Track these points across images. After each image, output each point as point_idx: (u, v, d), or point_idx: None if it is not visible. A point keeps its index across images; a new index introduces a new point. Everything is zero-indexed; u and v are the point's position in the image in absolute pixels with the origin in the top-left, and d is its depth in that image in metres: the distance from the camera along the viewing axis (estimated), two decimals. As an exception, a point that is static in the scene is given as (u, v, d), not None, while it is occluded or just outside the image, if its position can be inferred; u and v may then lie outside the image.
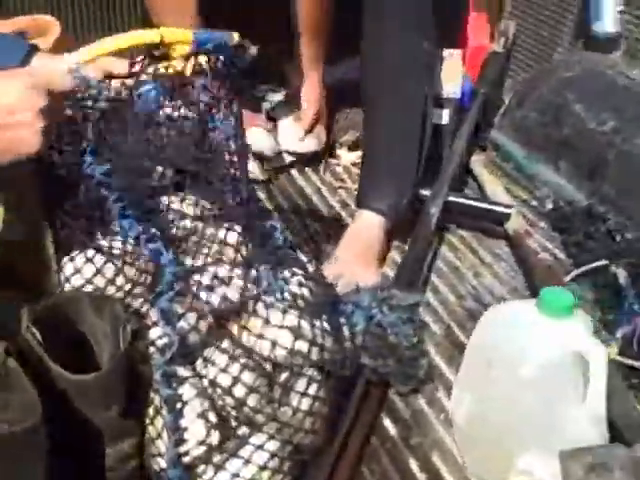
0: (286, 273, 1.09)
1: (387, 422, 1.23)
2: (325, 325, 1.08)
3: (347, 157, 1.87)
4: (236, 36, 1.05)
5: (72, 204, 0.99)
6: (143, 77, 1.00)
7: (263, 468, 0.98)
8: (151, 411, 0.95)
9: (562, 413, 1.09)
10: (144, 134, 1.02)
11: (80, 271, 0.99)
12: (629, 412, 1.15)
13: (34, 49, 1.02)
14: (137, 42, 0.99)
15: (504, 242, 1.63)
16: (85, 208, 0.99)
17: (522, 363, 1.09)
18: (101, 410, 0.90)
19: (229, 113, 1.05)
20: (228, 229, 1.06)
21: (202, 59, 1.02)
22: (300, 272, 1.10)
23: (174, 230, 1.04)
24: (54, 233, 1.00)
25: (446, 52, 1.85)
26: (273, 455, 0.99)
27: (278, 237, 1.13)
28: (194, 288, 1.01)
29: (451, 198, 1.59)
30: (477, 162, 1.84)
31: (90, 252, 1.00)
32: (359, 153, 1.75)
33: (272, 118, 1.84)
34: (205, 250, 1.06)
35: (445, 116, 1.75)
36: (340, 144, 1.87)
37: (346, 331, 1.16)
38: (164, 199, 1.05)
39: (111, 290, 0.99)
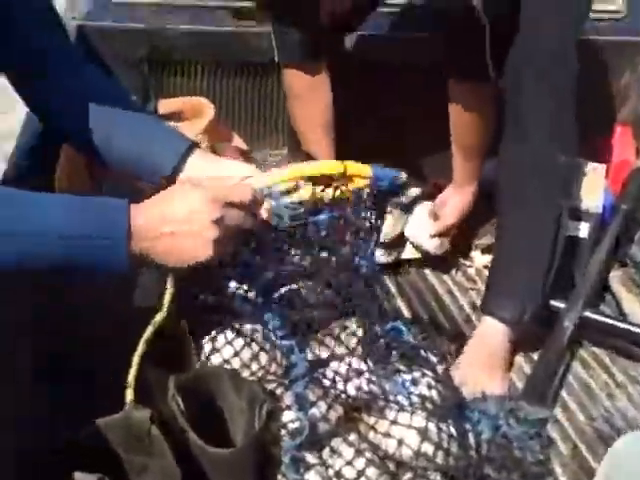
0: (415, 374, 1.08)
1: (507, 540, 1.18)
2: (452, 430, 1.06)
3: (480, 260, 1.85)
4: (404, 176, 1.12)
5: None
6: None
7: None
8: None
9: None
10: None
11: (219, 351, 1.03)
12: None
13: (193, 146, 1.10)
14: (324, 171, 1.05)
15: (640, 364, 1.57)
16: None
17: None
18: None
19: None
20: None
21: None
22: (430, 374, 1.10)
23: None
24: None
25: (589, 166, 1.83)
26: None
27: (408, 336, 1.14)
28: (327, 377, 1.03)
29: (586, 313, 1.54)
30: (615, 278, 1.78)
31: (230, 334, 1.04)
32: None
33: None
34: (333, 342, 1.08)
35: (584, 230, 1.72)
36: (475, 246, 1.86)
37: (471, 439, 1.13)
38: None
39: (245, 373, 1.02)
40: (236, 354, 1.03)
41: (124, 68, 1.93)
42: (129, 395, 0.91)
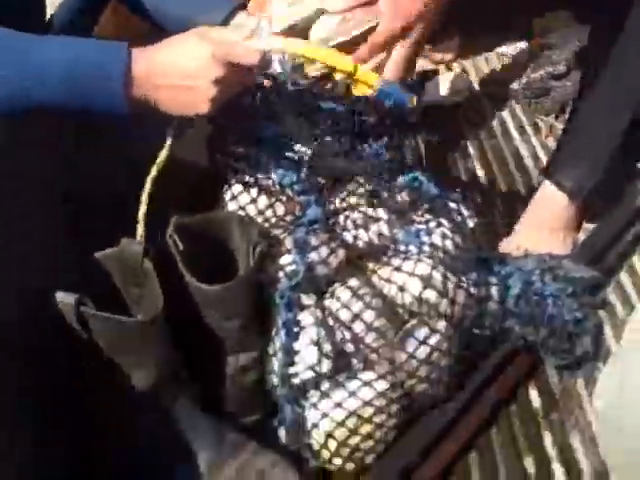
0: (432, 224, 1.08)
1: (533, 392, 1.18)
2: (463, 279, 1.06)
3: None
4: (415, 100, 1.10)
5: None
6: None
7: (368, 404, 0.99)
8: (271, 331, 1.01)
9: None
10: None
11: (236, 198, 1.08)
12: None
13: (239, 7, 1.11)
14: (333, 63, 1.05)
15: None
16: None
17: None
18: (223, 320, 0.97)
19: None
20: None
21: None
22: (447, 224, 1.08)
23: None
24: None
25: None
26: (380, 394, 1.00)
27: (431, 187, 1.12)
28: (338, 225, 1.06)
29: (673, 177, 1.42)
30: None
31: (248, 181, 1.08)
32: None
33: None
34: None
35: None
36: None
37: (495, 292, 1.12)
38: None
39: (259, 220, 1.06)
40: (253, 201, 1.07)
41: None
42: (140, 230, 0.97)
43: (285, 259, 1.01)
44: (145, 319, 0.92)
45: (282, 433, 1.02)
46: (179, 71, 0.92)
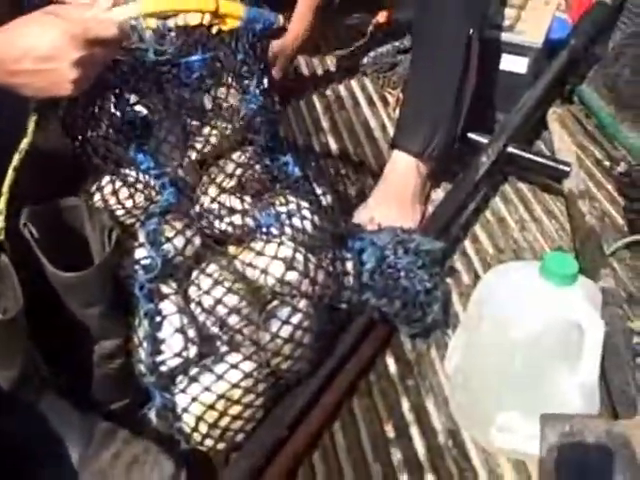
0: (292, 206, 1.09)
1: (390, 360, 1.23)
2: (323, 259, 1.09)
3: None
4: (281, 19, 1.08)
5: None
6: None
7: (235, 386, 1.01)
8: (135, 320, 0.99)
9: (551, 379, 1.06)
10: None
11: (101, 191, 1.04)
12: (624, 387, 1.10)
13: None
14: (193, 6, 0.99)
15: (562, 200, 1.56)
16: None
17: (515, 324, 1.06)
18: (83, 308, 0.95)
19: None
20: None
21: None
22: (307, 205, 1.10)
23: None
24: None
25: (541, -2, 1.74)
26: (247, 375, 1.01)
27: (296, 170, 1.14)
28: (196, 211, 1.05)
29: (510, 149, 1.52)
30: (555, 115, 1.74)
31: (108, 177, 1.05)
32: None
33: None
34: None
35: (523, 65, 1.65)
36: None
37: (350, 267, 1.16)
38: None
39: (120, 212, 1.03)
40: (114, 193, 1.04)
41: None
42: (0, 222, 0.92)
43: (140, 252, 0.99)
44: (6, 318, 0.88)
45: (153, 418, 1.01)
46: (34, 55, 0.86)
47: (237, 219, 1.06)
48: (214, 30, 1.03)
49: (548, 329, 1.04)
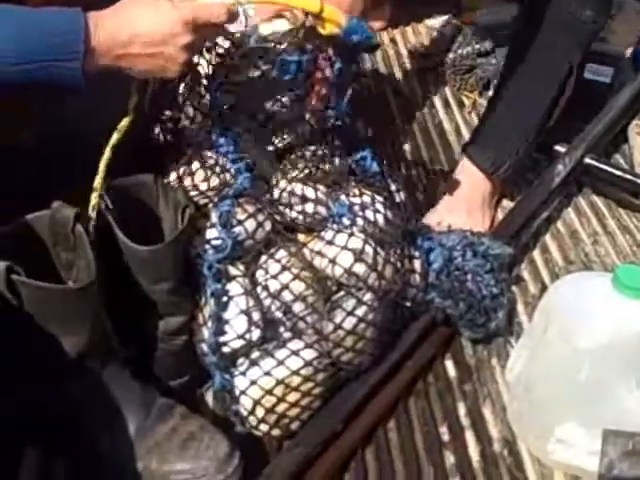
0: (365, 198, 1.10)
1: (449, 363, 1.23)
2: (391, 254, 1.09)
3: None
4: (377, 38, 1.10)
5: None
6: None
7: (295, 373, 1.01)
8: (201, 300, 1.01)
9: (615, 394, 1.04)
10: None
11: (177, 170, 1.06)
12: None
13: None
14: (298, 4, 1.00)
15: (638, 216, 1.53)
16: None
17: (583, 335, 1.04)
18: (153, 283, 0.98)
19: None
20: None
21: None
22: (380, 199, 1.11)
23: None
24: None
25: (632, 6, 1.71)
26: (307, 363, 1.02)
27: (374, 165, 1.14)
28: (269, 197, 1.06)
29: (587, 160, 1.49)
30: (635, 129, 1.70)
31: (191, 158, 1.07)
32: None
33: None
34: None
35: (609, 75, 1.63)
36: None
37: (417, 266, 1.16)
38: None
39: (194, 193, 1.05)
40: (191, 174, 1.06)
41: None
42: (93, 199, 0.95)
43: (211, 233, 1.01)
44: (77, 287, 0.91)
45: (210, 399, 1.03)
46: (144, 40, 0.87)
47: (309, 207, 1.07)
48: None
49: (617, 342, 1.01)
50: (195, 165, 1.06)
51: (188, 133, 1.08)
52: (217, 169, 1.06)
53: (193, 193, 1.05)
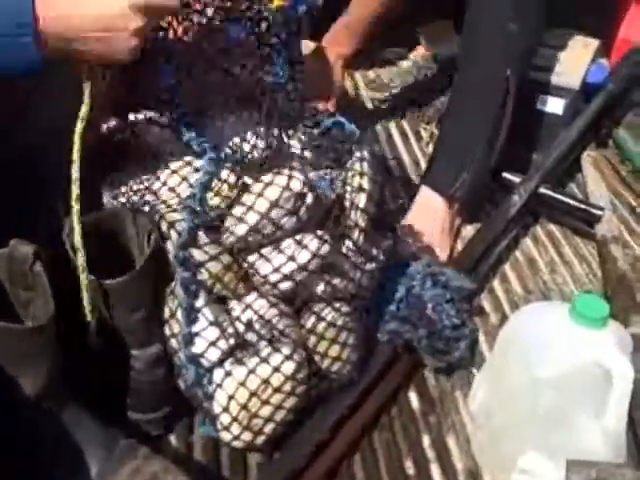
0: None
1: (412, 395, 1.24)
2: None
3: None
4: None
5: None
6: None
7: (275, 372, 1.03)
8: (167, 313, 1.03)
9: (576, 424, 1.06)
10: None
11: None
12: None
13: None
14: None
15: (594, 244, 1.56)
16: None
17: (542, 365, 1.06)
18: (128, 313, 0.98)
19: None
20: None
21: None
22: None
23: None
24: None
25: (580, 40, 1.76)
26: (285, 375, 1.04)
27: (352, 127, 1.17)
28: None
29: (542, 190, 1.53)
30: (589, 158, 1.75)
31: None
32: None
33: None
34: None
35: (559, 106, 1.68)
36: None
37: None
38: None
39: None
40: (164, 184, 1.07)
41: None
42: (75, 190, 0.96)
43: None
44: (33, 326, 0.90)
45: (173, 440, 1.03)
46: (95, 24, 0.89)
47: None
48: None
49: (575, 372, 1.04)
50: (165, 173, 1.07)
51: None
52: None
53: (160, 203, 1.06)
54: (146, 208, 1.04)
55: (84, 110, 0.97)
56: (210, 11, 1.05)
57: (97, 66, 0.97)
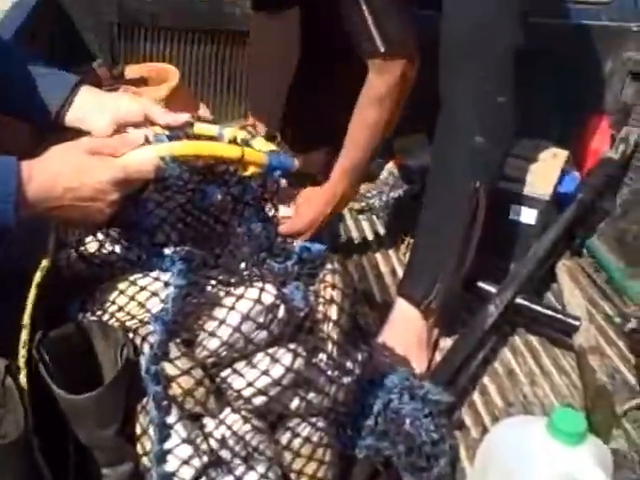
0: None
1: (392, 515, 1.21)
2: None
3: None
4: (297, 163, 1.19)
5: None
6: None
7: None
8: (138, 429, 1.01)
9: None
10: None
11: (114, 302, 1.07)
12: None
13: (78, 85, 1.11)
14: (219, 154, 1.09)
15: (573, 354, 1.57)
16: None
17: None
18: (97, 429, 0.96)
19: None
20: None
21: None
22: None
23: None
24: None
25: (550, 151, 1.83)
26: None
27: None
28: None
29: (519, 300, 1.55)
30: (564, 267, 1.79)
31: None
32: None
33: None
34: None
35: (532, 216, 1.72)
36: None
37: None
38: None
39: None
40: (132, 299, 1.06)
41: (93, 31, 1.99)
42: (24, 335, 0.95)
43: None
44: (6, 442, 0.88)
45: None
46: (76, 195, 0.95)
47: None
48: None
49: (555, 488, 1.03)
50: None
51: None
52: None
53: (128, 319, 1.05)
54: (115, 324, 1.04)
55: (47, 260, 0.99)
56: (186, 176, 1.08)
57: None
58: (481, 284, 1.59)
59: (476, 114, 1.42)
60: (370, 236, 1.91)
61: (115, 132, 1.09)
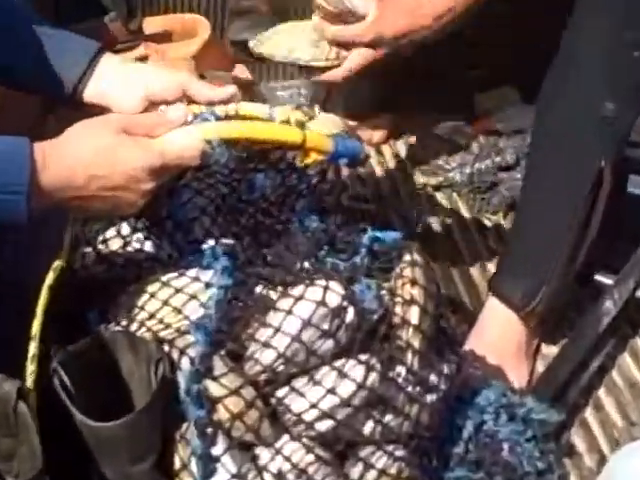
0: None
1: None
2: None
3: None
4: (365, 151, 1.21)
5: None
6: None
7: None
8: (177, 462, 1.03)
9: None
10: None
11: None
12: None
13: (101, 51, 1.13)
14: (278, 138, 1.10)
15: None
16: None
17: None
18: (128, 464, 0.99)
19: None
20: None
21: None
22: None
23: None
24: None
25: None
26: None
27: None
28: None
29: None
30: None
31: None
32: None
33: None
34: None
35: (657, 189, 1.70)
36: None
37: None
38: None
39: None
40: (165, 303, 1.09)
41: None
42: (32, 349, 0.97)
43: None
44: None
45: None
46: (103, 185, 0.95)
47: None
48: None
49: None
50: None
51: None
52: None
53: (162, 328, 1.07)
54: (146, 335, 1.06)
55: (61, 260, 1.02)
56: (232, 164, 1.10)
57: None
58: (596, 276, 1.57)
59: (608, 73, 1.39)
60: (450, 219, 1.91)
61: (145, 111, 1.10)
